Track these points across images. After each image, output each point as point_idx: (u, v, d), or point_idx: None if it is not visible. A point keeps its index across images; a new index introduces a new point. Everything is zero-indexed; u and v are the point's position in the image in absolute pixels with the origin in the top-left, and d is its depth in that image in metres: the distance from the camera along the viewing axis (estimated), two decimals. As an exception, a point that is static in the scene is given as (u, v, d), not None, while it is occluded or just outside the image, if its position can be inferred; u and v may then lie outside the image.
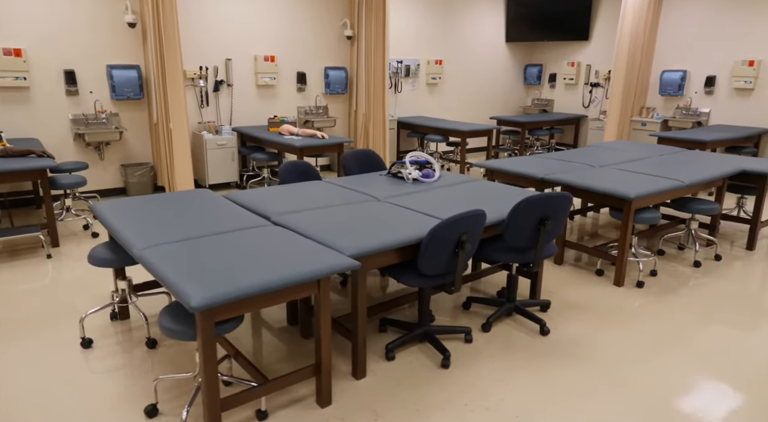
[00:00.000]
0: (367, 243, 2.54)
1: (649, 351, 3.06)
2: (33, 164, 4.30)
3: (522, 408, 2.53)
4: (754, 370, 2.88)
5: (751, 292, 3.88)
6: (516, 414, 2.49)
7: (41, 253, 4.45)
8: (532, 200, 2.96)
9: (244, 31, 6.83)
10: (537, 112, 9.86)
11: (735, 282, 4.04)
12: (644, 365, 2.92)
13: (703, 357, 3.00)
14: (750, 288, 3.96)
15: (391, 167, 4.09)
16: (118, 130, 5.92)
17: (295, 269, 2.21)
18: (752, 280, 4.10)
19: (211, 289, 2.00)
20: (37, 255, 4.42)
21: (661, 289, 3.89)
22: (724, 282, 4.05)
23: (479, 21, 9.20)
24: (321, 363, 2.47)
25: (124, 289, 3.12)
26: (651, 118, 8.26)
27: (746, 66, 7.34)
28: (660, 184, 3.89)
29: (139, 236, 2.61)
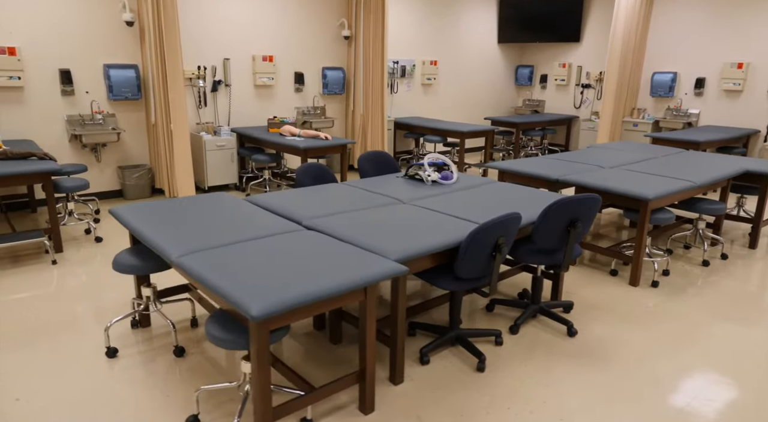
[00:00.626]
0: (410, 248, 2.52)
1: (678, 351, 3.11)
2: (37, 167, 4.15)
3: (565, 411, 2.54)
4: (779, 367, 2.96)
5: (764, 290, 3.98)
6: (560, 417, 2.50)
7: (45, 259, 4.31)
8: (564, 202, 2.98)
9: (243, 30, 6.73)
10: (529, 112, 9.96)
11: (746, 281, 4.14)
12: (675, 365, 2.96)
13: (729, 357, 3.06)
14: (762, 286, 4.06)
15: (408, 169, 4.07)
16: (115, 131, 5.77)
17: (347, 276, 2.17)
18: (763, 279, 4.20)
19: (268, 298, 1.95)
20: (41, 261, 4.28)
21: (676, 289, 3.96)
22: (735, 280, 4.15)
23: (472, 22, 9.24)
24: (366, 370, 2.44)
25: (148, 296, 3.03)
26: (642, 119, 8.42)
27: (735, 68, 7.53)
28: (674, 184, 3.96)
29: (173, 243, 2.54)
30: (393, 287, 2.62)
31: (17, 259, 4.30)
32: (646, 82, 8.54)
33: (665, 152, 5.46)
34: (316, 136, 6.13)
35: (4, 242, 4.07)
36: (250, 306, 1.89)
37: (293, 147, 5.82)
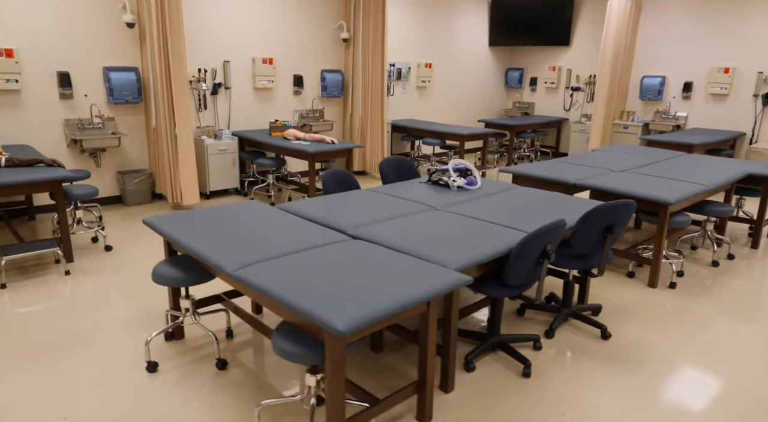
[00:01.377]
0: (468, 257, 2.53)
1: (709, 352, 3.21)
2: (48, 175, 4.01)
3: (619, 415, 2.59)
4: (806, 365, 3.08)
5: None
6: (617, 420, 2.55)
7: (55, 269, 4.17)
8: (603, 208, 3.04)
9: (242, 32, 6.63)
10: (519, 114, 10.09)
11: (757, 281, 4.29)
12: (711, 365, 3.05)
13: (763, 357, 3.17)
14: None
15: (431, 175, 4.09)
16: (116, 135, 5.61)
17: (418, 288, 2.17)
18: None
19: (352, 314, 1.93)
20: (51, 271, 4.14)
21: (692, 289, 4.08)
22: (747, 280, 4.29)
23: (465, 25, 9.31)
24: (426, 380, 2.44)
25: (187, 308, 2.96)
26: (632, 121, 8.63)
27: (722, 73, 7.79)
28: (689, 188, 4.08)
29: (224, 256, 2.49)
30: (446, 296, 2.62)
31: (26, 270, 4.14)
32: (635, 86, 8.76)
33: (666, 155, 5.61)
34: (322, 139, 6.09)
35: (16, 253, 3.91)
36: (337, 323, 1.86)
37: (300, 151, 5.76)
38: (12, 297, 3.68)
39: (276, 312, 2.30)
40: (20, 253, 3.92)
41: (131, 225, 5.30)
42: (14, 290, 3.79)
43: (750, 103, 7.66)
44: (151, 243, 4.80)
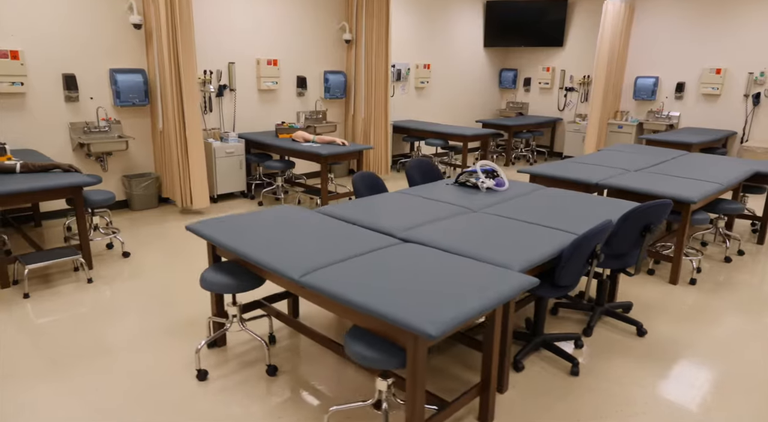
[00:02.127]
0: (526, 258, 2.56)
1: (743, 346, 3.30)
2: (69, 180, 3.91)
3: (675, 410, 2.65)
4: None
5: (785, 284, 4.28)
6: (672, 415, 2.61)
7: (75, 277, 4.06)
8: (642, 209, 3.11)
9: (246, 33, 6.56)
10: (514, 115, 10.21)
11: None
12: (749, 359, 3.15)
13: (787, 348, 3.29)
14: (781, 280, 4.37)
15: (458, 176, 4.11)
16: (124, 139, 5.49)
17: (494, 291, 2.18)
18: (778, 272, 4.52)
19: (439, 317, 1.94)
20: (72, 279, 4.03)
21: (712, 286, 4.19)
22: (764, 275, 4.43)
23: (461, 26, 9.38)
24: (489, 382, 2.47)
25: (235, 315, 2.93)
26: (626, 121, 8.81)
27: (714, 73, 8.02)
28: (706, 187, 4.19)
29: (285, 262, 2.47)
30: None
31: (46, 279, 4.02)
32: (628, 86, 8.95)
33: (670, 154, 5.74)
34: (332, 141, 6.06)
35: (38, 262, 3.80)
36: (428, 327, 1.87)
37: (311, 153, 5.73)
38: (37, 307, 3.58)
39: (346, 318, 2.29)
40: (42, 262, 3.81)
41: (141, 230, 5.19)
42: (38, 300, 3.68)
43: (741, 102, 7.90)
44: (165, 248, 4.71)
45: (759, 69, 7.67)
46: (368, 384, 2.82)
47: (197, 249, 4.72)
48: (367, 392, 2.74)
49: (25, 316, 3.44)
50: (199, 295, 3.81)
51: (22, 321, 3.37)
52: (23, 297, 3.71)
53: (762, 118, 7.78)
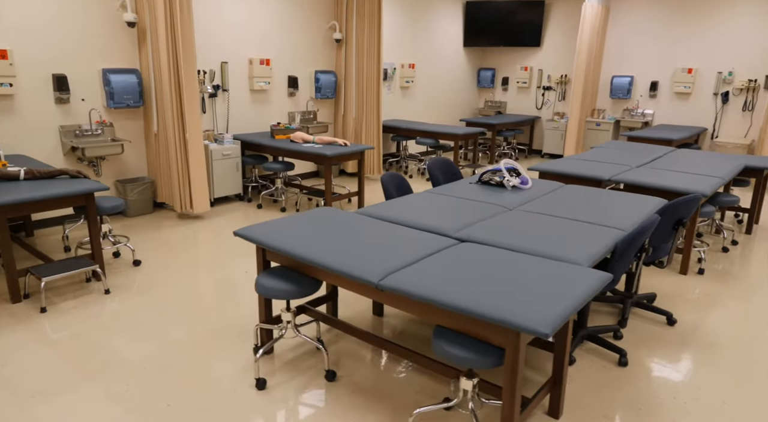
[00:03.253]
0: (590, 254, 2.62)
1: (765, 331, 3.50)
2: (82, 187, 3.70)
3: (724, 395, 2.78)
4: None
5: (782, 271, 4.56)
6: (723, 400, 2.74)
7: (89, 288, 3.87)
8: (677, 204, 3.24)
9: (238, 33, 6.40)
10: (493, 113, 10.40)
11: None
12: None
13: (804, 331, 3.50)
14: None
15: (482, 175, 4.16)
16: (119, 142, 5.26)
17: (581, 287, 2.22)
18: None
19: (547, 316, 1.96)
20: (87, 290, 3.83)
21: (720, 274, 4.41)
22: (761, 262, 4.69)
23: (442, 26, 9.47)
24: (562, 378, 2.51)
25: (289, 321, 2.86)
26: (603, 119, 9.13)
27: (685, 73, 8.42)
28: (713, 181, 4.40)
29: (357, 266, 2.44)
30: (564, 293, 2.70)
31: (60, 291, 3.81)
32: (604, 85, 9.27)
33: (661, 150, 5.99)
34: (333, 142, 6.00)
35: (53, 274, 3.58)
36: (541, 328, 1.89)
37: (314, 154, 5.65)
38: (57, 321, 3.38)
39: (428, 319, 2.28)
40: (58, 274, 3.60)
41: (142, 237, 4.99)
42: (56, 314, 3.48)
43: (711, 100, 8.33)
44: (173, 255, 4.55)
45: (727, 69, 8.11)
46: (430, 384, 2.81)
47: (207, 255, 4.58)
48: (433, 392, 2.74)
49: (48, 332, 3.25)
50: (223, 303, 3.70)
51: (45, 337, 3.18)
52: (40, 312, 3.50)
53: (730, 115, 8.22)
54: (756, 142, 8.00)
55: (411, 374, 2.91)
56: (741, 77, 8.01)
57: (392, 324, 3.48)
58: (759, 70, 7.87)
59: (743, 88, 8.01)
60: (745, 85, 7.97)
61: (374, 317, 3.57)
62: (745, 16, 7.83)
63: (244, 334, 3.28)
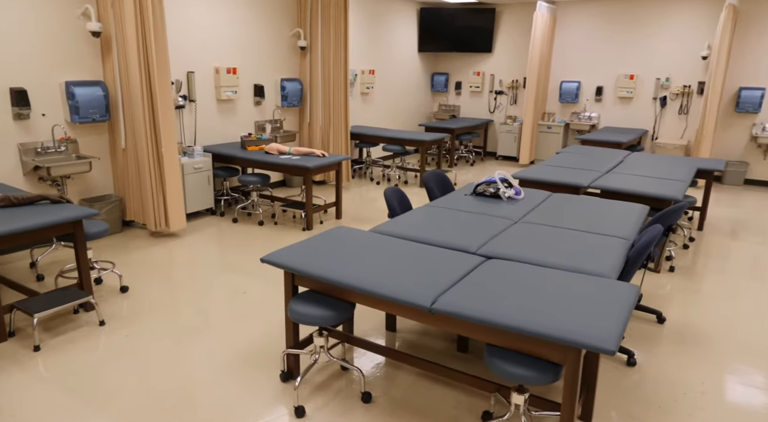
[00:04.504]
0: (613, 265, 2.79)
1: (758, 320, 3.85)
2: (70, 214, 3.48)
3: (726, 387, 3.05)
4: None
5: (758, 258, 5.01)
6: (729, 391, 3.00)
7: (81, 320, 3.64)
8: (668, 212, 3.50)
9: (203, 41, 6.19)
10: (447, 117, 10.63)
11: (733, 255, 5.15)
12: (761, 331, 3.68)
13: (772, 321, 3.89)
14: (749, 255, 5.09)
15: (476, 187, 4.28)
16: (87, 160, 4.95)
17: (625, 302, 2.36)
18: (736, 251, 5.26)
19: (607, 333, 2.08)
20: (78, 323, 3.60)
21: (687, 270, 4.78)
22: (723, 257, 5.13)
23: (399, 32, 9.57)
24: (595, 384, 2.67)
25: (322, 346, 2.84)
26: (553, 122, 9.59)
27: (627, 79, 9.00)
28: (681, 185, 4.77)
29: (404, 290, 2.47)
30: (586, 303, 2.86)
31: (46, 325, 3.55)
32: (553, 90, 9.74)
33: (619, 154, 6.39)
34: (310, 153, 5.94)
35: (46, 308, 3.33)
36: (607, 345, 2.00)
37: (293, 166, 5.58)
38: (54, 360, 3.16)
39: (482, 339, 2.35)
40: (49, 309, 3.35)
41: (117, 260, 4.74)
42: (51, 352, 3.25)
43: (651, 104, 8.97)
44: (158, 278, 4.37)
45: (664, 75, 8.75)
46: (464, 398, 2.88)
47: (193, 276, 4.42)
48: (469, 406, 2.81)
49: (46, 372, 3.04)
50: (231, 328, 3.61)
51: (45, 378, 2.97)
52: (33, 351, 3.25)
53: (668, 118, 8.89)
54: (692, 143, 8.70)
55: (442, 389, 2.97)
56: (677, 83, 8.68)
57: (408, 339, 3.53)
58: (692, 76, 8.56)
59: (679, 93, 8.68)
60: (681, 91, 8.65)
61: (388, 333, 3.60)
62: (678, 27, 8.48)
63: (264, 360, 3.21)
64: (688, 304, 4.11)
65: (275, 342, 3.41)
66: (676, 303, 4.12)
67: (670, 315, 3.94)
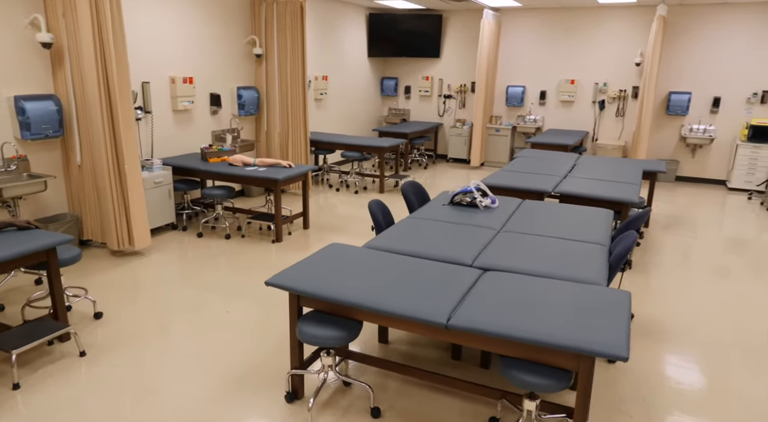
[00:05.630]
0: (601, 272, 2.99)
1: (721, 308, 4.21)
2: (44, 242, 3.29)
3: (700, 375, 3.34)
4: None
5: (701, 251, 5.45)
6: (703, 380, 3.29)
7: (56, 352, 3.45)
8: (636, 217, 3.78)
9: (157, 50, 5.96)
10: (398, 121, 10.78)
11: (679, 249, 5.58)
12: (726, 319, 4.03)
13: (738, 297, 4.29)
14: (692, 248, 5.54)
15: (453, 197, 4.42)
16: (41, 179, 4.66)
17: (623, 310, 2.56)
18: (686, 245, 5.72)
19: (621, 341, 2.25)
20: (55, 355, 3.41)
21: (643, 266, 5.15)
22: (669, 250, 5.56)
23: (350, 38, 9.60)
24: (590, 383, 2.86)
25: (330, 365, 2.86)
26: (501, 125, 9.96)
27: (569, 83, 9.50)
28: (634, 188, 5.13)
29: (414, 307, 2.55)
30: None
31: (23, 360, 3.34)
32: (500, 94, 10.11)
33: (569, 157, 6.76)
34: (276, 163, 5.87)
35: (24, 343, 3.12)
36: (622, 352, 2.17)
37: (261, 178, 5.50)
38: (36, 399, 2.98)
39: (498, 351, 2.46)
40: (27, 343, 3.14)
41: (81, 283, 4.51)
42: (32, 390, 3.06)
43: (590, 108, 9.52)
44: (129, 300, 4.20)
45: (602, 80, 9.32)
46: (467, 406, 3.00)
47: (168, 296, 4.29)
48: (474, 414, 2.93)
49: (29, 412, 2.87)
50: (219, 350, 3.54)
51: (29, 419, 2.81)
52: (12, 389, 3.05)
53: (607, 120, 9.47)
54: (629, 143, 9.31)
55: (444, 398, 3.07)
56: (613, 87, 9.26)
57: (401, 350, 3.60)
58: (627, 81, 9.16)
59: (615, 97, 9.28)
60: (617, 95, 9.24)
61: (380, 345, 3.67)
62: (614, 36, 9.05)
63: (264, 381, 3.18)
64: (648, 299, 4.45)
65: (271, 362, 3.39)
66: (636, 299, 4.44)
67: (637, 310, 4.24)
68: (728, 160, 8.74)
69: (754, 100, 8.38)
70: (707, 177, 8.96)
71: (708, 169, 8.91)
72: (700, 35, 8.49)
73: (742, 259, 5.45)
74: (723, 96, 8.55)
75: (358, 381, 2.95)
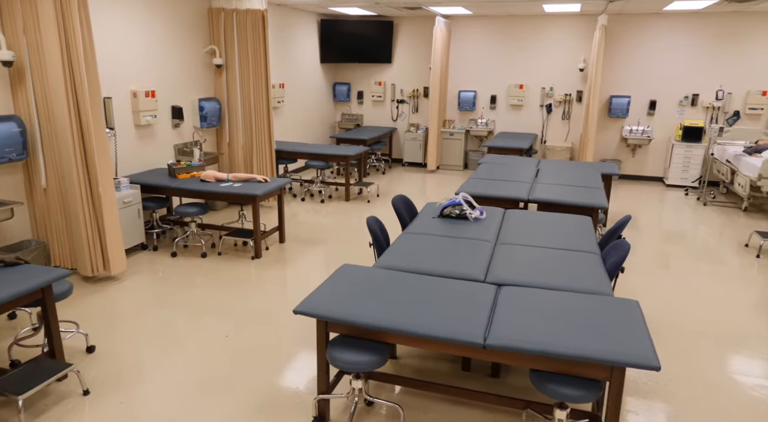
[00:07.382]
0: (605, 282, 3.22)
1: (698, 302, 4.59)
2: (39, 280, 3.11)
3: (678, 368, 3.68)
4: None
5: (658, 247, 5.90)
6: (684, 371, 3.63)
7: (56, 392, 3.27)
8: (620, 225, 4.08)
9: (116, 64, 5.69)
10: (352, 126, 10.82)
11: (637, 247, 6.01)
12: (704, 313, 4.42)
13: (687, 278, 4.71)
14: (649, 245, 5.99)
15: (443, 210, 4.56)
16: (7, 206, 4.36)
17: (639, 319, 2.78)
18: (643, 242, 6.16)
19: (650, 352, 2.46)
20: (55, 395, 3.23)
21: (609, 266, 5.54)
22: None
23: (302, 44, 9.53)
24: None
25: (361, 389, 2.91)
26: (455, 129, 10.25)
27: (518, 88, 9.93)
28: (600, 192, 5.49)
29: (450, 328, 2.66)
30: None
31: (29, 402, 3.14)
32: (452, 99, 10.39)
33: (529, 162, 7.10)
34: (251, 178, 5.78)
35: (30, 387, 2.94)
36: (654, 362, 2.37)
37: (238, 195, 5.40)
38: (54, 445, 2.84)
39: (531, 366, 2.62)
40: (33, 387, 2.96)
41: (60, 314, 4.27)
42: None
43: (538, 111, 9.99)
44: (118, 331, 4.04)
45: (549, 85, 9.81)
46: (490, 417, 3.14)
47: (157, 324, 4.15)
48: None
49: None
50: (229, 379, 3.49)
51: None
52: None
53: (554, 123, 9.98)
54: (575, 145, 9.87)
55: (464, 410, 3.21)
56: (559, 92, 9.78)
57: (412, 364, 3.70)
58: (572, 86, 9.70)
59: (561, 101, 9.80)
60: (563, 99, 9.76)
61: (390, 361, 3.74)
62: (559, 43, 9.55)
63: (285, 408, 3.18)
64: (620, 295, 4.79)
65: (287, 387, 3.39)
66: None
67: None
68: (665, 159, 9.49)
69: (685, 103, 9.15)
70: (647, 175, 9.68)
71: (647, 167, 9.63)
72: (638, 43, 9.14)
73: (683, 249, 5.98)
74: (658, 99, 9.26)
75: (387, 402, 3.02)
